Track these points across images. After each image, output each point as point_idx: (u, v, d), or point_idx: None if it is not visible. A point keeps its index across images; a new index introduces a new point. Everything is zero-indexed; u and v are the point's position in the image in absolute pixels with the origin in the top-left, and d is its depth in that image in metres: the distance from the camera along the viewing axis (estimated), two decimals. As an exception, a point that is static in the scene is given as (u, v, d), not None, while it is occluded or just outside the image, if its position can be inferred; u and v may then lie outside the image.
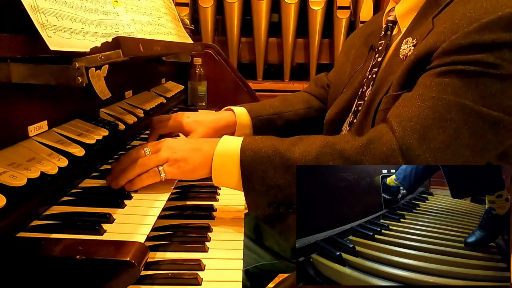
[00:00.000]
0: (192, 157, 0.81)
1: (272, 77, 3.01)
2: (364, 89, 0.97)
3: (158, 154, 0.81)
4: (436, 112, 0.72)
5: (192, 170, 0.81)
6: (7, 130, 0.66)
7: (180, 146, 0.83)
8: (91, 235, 0.63)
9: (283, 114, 1.20)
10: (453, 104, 0.71)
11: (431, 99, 0.73)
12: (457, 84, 0.72)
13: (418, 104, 0.74)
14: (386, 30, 0.97)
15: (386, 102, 0.83)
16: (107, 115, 1.02)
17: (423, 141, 0.71)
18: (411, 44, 0.84)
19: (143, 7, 1.09)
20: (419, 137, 0.72)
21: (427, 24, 0.82)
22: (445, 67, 0.73)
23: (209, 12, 2.79)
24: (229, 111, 1.16)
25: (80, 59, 0.62)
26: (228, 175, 0.80)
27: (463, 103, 0.71)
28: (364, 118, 0.90)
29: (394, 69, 0.85)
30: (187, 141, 0.86)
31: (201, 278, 0.68)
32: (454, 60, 0.72)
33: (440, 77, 0.73)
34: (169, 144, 0.83)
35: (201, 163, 0.81)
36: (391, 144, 0.73)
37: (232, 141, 0.81)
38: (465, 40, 0.72)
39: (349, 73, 1.09)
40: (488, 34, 0.71)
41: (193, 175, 0.83)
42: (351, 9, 2.82)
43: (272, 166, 0.76)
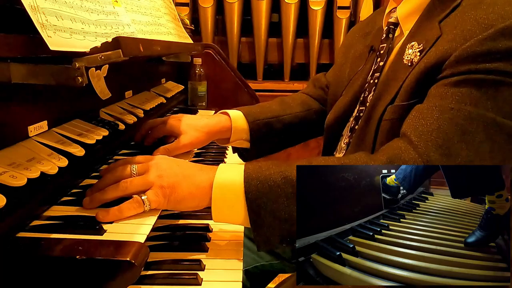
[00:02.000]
0: (182, 186, 0.72)
1: (272, 77, 3.00)
2: (366, 94, 0.94)
3: (144, 176, 0.73)
4: (457, 124, 0.68)
5: (179, 201, 0.72)
6: (7, 130, 0.66)
7: (169, 169, 0.74)
8: (91, 235, 0.63)
9: (282, 117, 1.16)
10: (474, 116, 0.68)
11: (450, 111, 0.69)
12: (475, 94, 0.69)
13: (436, 116, 0.70)
14: (387, 32, 0.93)
15: (392, 112, 0.80)
16: (107, 115, 1.02)
17: (448, 158, 0.68)
18: (416, 49, 0.80)
19: (143, 7, 1.09)
20: (443, 153, 0.68)
21: (433, 28, 0.79)
22: (460, 76, 0.71)
23: (209, 12, 2.79)
24: (224, 115, 1.11)
25: (80, 59, 0.62)
26: (232, 210, 0.71)
27: (483, 114, 0.68)
28: (365, 125, 0.87)
29: (397, 74, 0.83)
30: (179, 165, 0.76)
31: (201, 278, 0.68)
32: (470, 69, 0.70)
33: (456, 87, 0.71)
34: (159, 166, 0.75)
35: (192, 194, 0.72)
36: (415, 161, 0.69)
37: (232, 170, 0.73)
38: (480, 47, 0.69)
39: (348, 74, 1.06)
40: (503, 41, 0.68)
41: (180, 206, 0.74)
42: (351, 9, 2.82)
43: (284, 196, 0.68)
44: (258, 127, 1.12)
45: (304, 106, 1.23)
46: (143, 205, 0.70)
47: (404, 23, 0.90)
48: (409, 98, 0.78)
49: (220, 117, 1.11)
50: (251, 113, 1.13)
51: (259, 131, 1.12)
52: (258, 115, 1.14)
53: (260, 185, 0.69)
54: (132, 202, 0.70)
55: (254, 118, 1.12)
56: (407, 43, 0.84)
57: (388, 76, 0.87)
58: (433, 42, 0.77)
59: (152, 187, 0.71)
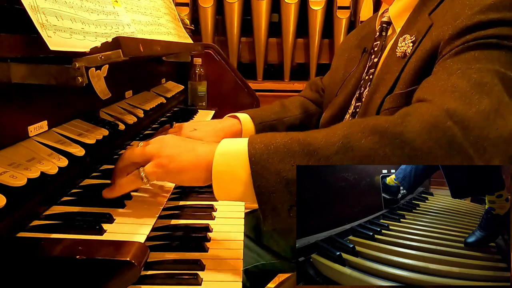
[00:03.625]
0: (181, 156, 0.68)
1: (272, 77, 3.01)
2: (362, 90, 0.97)
3: (143, 147, 0.71)
4: (470, 79, 0.63)
5: (178, 171, 0.68)
6: (7, 130, 0.66)
7: (172, 142, 0.71)
8: (91, 235, 0.63)
9: (283, 120, 1.19)
10: (484, 70, 0.65)
11: (459, 71, 0.66)
12: (479, 55, 0.67)
13: (446, 78, 0.66)
14: (380, 31, 0.97)
15: (391, 101, 0.81)
16: (107, 115, 1.02)
17: (469, 106, 0.60)
18: (409, 40, 0.82)
19: (143, 7, 1.09)
20: (463, 102, 0.61)
21: (423, 20, 0.82)
22: (459, 47, 0.70)
23: (209, 12, 2.79)
24: (235, 119, 1.14)
25: (80, 59, 0.62)
26: (234, 178, 0.64)
27: (494, 69, 0.65)
28: None
29: (391, 67, 0.85)
30: (183, 139, 0.73)
31: (201, 278, 0.68)
32: (466, 39, 0.70)
33: (459, 55, 0.69)
34: (162, 139, 0.72)
35: (192, 163, 0.68)
36: (433, 110, 0.61)
37: (235, 140, 0.69)
38: (471, 21, 0.70)
39: (343, 75, 1.10)
40: (492, 14, 0.69)
41: (180, 177, 0.69)
42: (351, 9, 2.82)
43: (290, 155, 0.60)
44: (263, 129, 1.15)
45: (302, 108, 1.25)
46: (141, 178, 0.69)
47: (396, 21, 0.94)
48: (408, 86, 0.79)
49: (232, 121, 1.13)
50: (257, 116, 1.16)
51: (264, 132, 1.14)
52: (263, 118, 1.16)
53: (264, 147, 0.62)
54: (130, 175, 0.71)
55: (259, 120, 1.15)
56: (399, 37, 0.87)
57: (382, 70, 0.89)
58: (425, 32, 0.79)
59: (152, 159, 0.69)
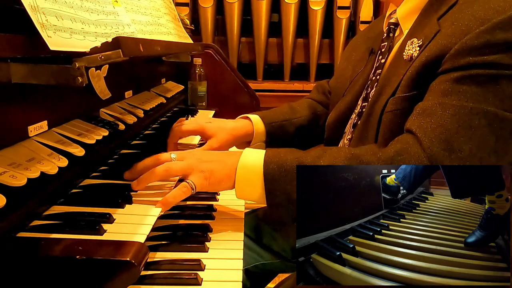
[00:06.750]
0: (218, 169, 0.81)
1: (272, 77, 3.00)
2: (369, 90, 0.97)
3: (185, 162, 0.82)
4: (459, 120, 0.71)
5: (218, 182, 0.82)
6: (7, 130, 0.66)
7: (205, 157, 0.84)
8: (91, 235, 0.63)
9: (293, 120, 1.21)
10: (475, 112, 0.70)
11: (452, 108, 0.72)
12: (475, 90, 0.71)
13: (440, 113, 0.73)
14: (388, 32, 0.98)
15: (393, 103, 0.83)
16: (107, 115, 1.02)
17: (451, 152, 0.70)
18: (416, 44, 0.83)
19: (143, 7, 1.09)
20: (446, 148, 0.71)
21: (431, 25, 0.82)
22: (460, 72, 0.73)
23: (209, 12, 2.79)
24: (247, 120, 1.16)
25: (80, 59, 0.62)
26: (252, 188, 0.80)
27: (485, 110, 0.70)
28: (368, 119, 0.90)
29: (397, 69, 0.86)
30: (211, 153, 0.87)
31: (201, 278, 0.68)
32: (469, 61, 0.72)
33: (458, 83, 0.73)
34: (195, 154, 0.84)
35: (226, 175, 0.82)
36: (419, 156, 0.72)
37: (254, 154, 0.82)
38: (478, 40, 0.72)
39: (350, 76, 1.10)
40: (500, 33, 0.71)
41: (219, 187, 0.83)
42: (351, 9, 2.81)
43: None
44: (273, 130, 1.17)
45: (311, 109, 1.27)
46: (191, 188, 0.79)
47: (403, 23, 0.94)
48: (410, 90, 0.81)
49: (244, 122, 1.15)
50: (267, 117, 1.18)
51: (274, 133, 1.17)
52: (273, 118, 1.19)
53: (277, 168, 0.78)
54: (181, 187, 0.78)
55: (270, 120, 1.17)
56: (407, 40, 0.87)
57: (389, 71, 0.90)
58: (432, 37, 0.80)
59: (193, 172, 0.80)
